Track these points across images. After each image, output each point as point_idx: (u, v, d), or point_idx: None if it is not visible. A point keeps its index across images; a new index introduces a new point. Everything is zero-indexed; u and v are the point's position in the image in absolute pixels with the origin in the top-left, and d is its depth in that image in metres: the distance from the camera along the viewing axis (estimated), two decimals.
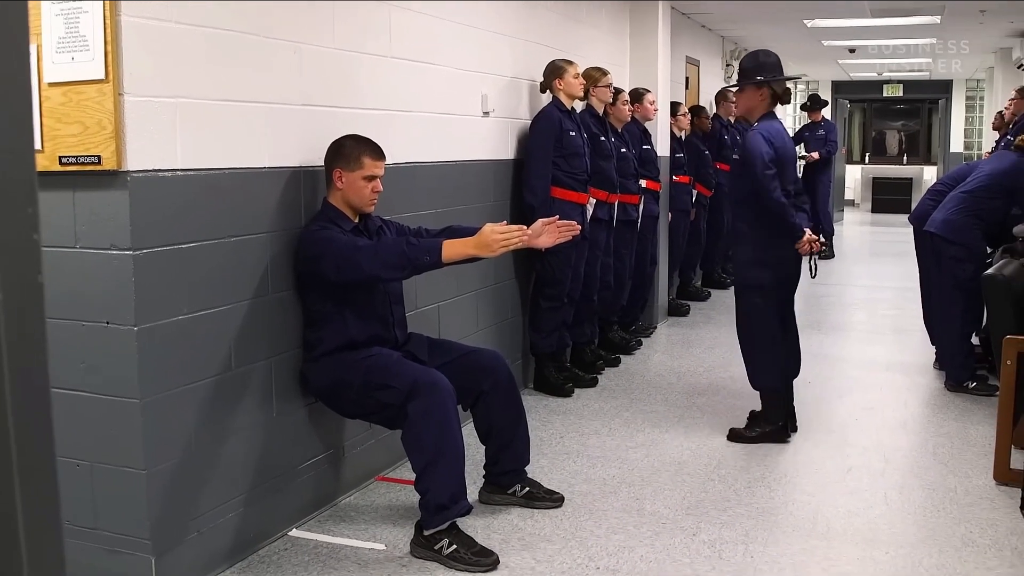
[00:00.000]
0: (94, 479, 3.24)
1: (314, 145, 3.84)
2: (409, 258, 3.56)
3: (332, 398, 3.82)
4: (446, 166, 4.97)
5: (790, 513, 4.11)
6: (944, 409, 5.65)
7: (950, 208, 5.94)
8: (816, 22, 10.82)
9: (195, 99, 3.30)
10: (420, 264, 3.57)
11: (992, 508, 4.14)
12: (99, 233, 3.11)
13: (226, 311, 3.49)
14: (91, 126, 3.05)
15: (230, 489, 3.56)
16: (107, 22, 2.99)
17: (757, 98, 4.88)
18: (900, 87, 20.79)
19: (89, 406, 3.20)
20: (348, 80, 4.14)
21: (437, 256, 3.55)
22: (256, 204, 3.63)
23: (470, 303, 5.29)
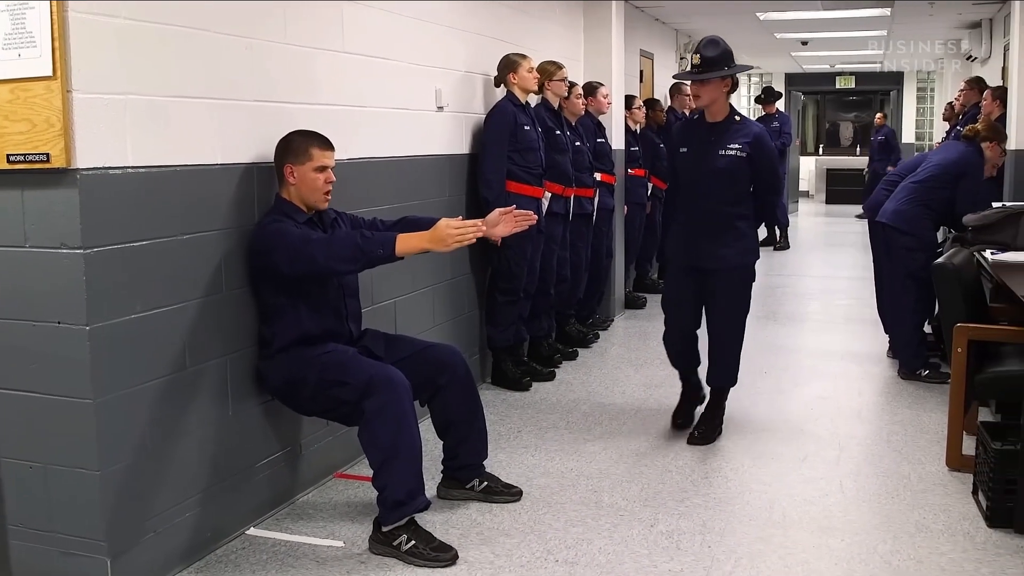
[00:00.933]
0: (47, 481, 3.20)
1: (267, 141, 3.81)
2: (363, 251, 3.54)
3: (288, 396, 3.80)
4: (401, 161, 4.95)
5: (746, 502, 4.14)
6: (897, 397, 5.72)
7: (901, 198, 6.01)
8: (769, 15, 10.90)
9: (145, 96, 3.27)
10: (374, 257, 3.56)
11: (945, 494, 4.20)
12: (49, 232, 3.07)
13: (179, 309, 3.46)
14: (39, 124, 3.01)
15: (186, 488, 3.54)
16: (54, 18, 2.95)
17: (721, 89, 4.74)
18: (852, 79, 21.00)
19: (41, 407, 3.16)
20: (301, 76, 4.11)
21: (391, 249, 3.54)
22: (209, 201, 3.60)
23: (427, 298, 5.28)
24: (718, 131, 4.78)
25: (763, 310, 8.37)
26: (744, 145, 4.72)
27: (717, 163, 4.73)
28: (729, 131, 4.77)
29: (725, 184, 4.75)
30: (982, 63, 11.46)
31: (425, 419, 4.05)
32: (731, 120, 4.81)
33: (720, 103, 4.78)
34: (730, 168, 4.72)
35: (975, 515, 3.97)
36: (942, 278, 4.75)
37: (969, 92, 8.43)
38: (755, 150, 4.72)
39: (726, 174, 4.73)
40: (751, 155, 4.72)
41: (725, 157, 4.71)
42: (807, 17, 10.94)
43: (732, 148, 4.71)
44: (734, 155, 4.71)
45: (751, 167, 4.74)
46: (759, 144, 4.75)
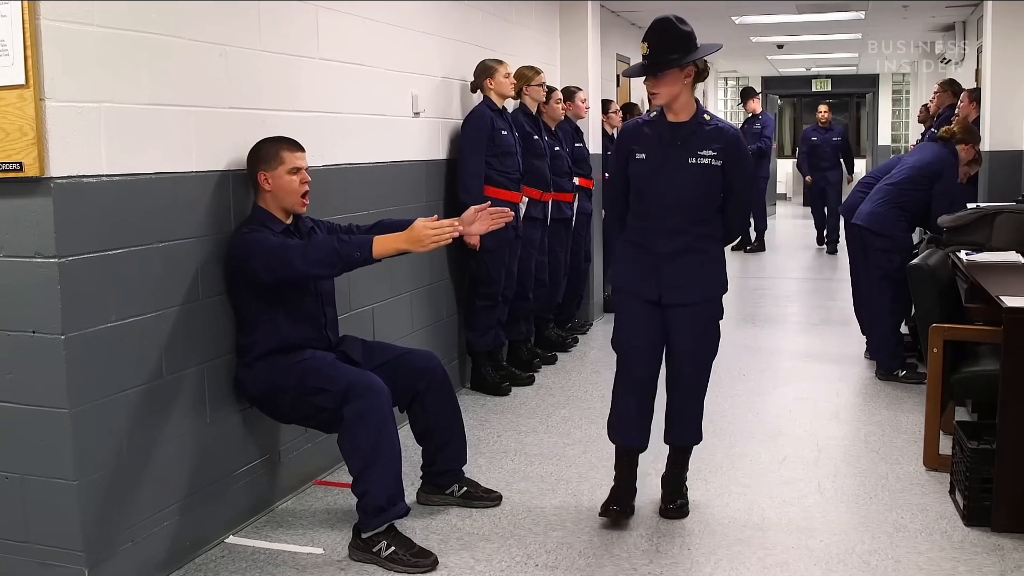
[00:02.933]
0: (24, 491, 3.18)
1: (242, 148, 3.80)
2: (340, 255, 3.54)
3: (267, 403, 3.79)
4: (378, 167, 4.95)
5: (726, 504, 4.15)
6: (875, 398, 5.76)
7: (876, 200, 6.05)
8: (744, 18, 10.95)
9: (119, 103, 3.25)
10: (351, 260, 3.56)
11: (923, 493, 4.22)
12: (23, 241, 3.05)
13: (156, 317, 3.45)
14: (12, 132, 3.00)
15: (164, 497, 3.52)
16: (26, 26, 2.93)
17: (682, 81, 3.82)
18: (828, 82, 21.11)
19: (17, 417, 3.14)
20: (276, 82, 4.11)
21: (368, 252, 3.54)
22: (184, 208, 3.59)
23: (405, 304, 5.27)
24: (684, 133, 3.86)
25: (741, 312, 8.40)
26: (718, 151, 3.83)
27: (686, 173, 3.82)
28: (698, 133, 3.86)
29: (694, 198, 3.87)
30: (956, 65, 11.55)
31: (404, 425, 4.04)
32: (699, 120, 3.89)
33: (684, 99, 3.86)
34: (702, 179, 3.84)
35: (952, 514, 3.99)
36: (917, 279, 4.79)
37: (943, 94, 8.50)
38: (730, 157, 3.86)
39: (697, 186, 3.85)
40: (726, 163, 3.85)
41: (697, 166, 3.82)
42: (782, 21, 11.00)
43: (705, 155, 3.82)
44: (707, 163, 3.82)
45: (724, 177, 3.88)
46: (735, 150, 3.88)
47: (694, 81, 3.88)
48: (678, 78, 3.80)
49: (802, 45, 13.96)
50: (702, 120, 3.90)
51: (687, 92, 3.87)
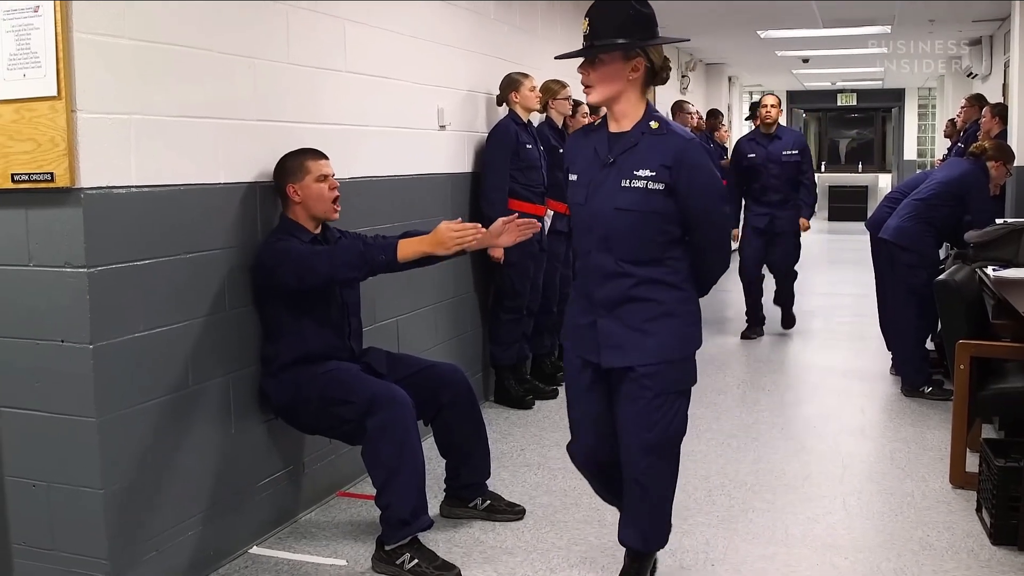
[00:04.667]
0: (50, 499, 3.20)
1: (270, 160, 3.83)
2: (365, 258, 3.56)
3: (291, 414, 3.81)
4: (403, 180, 4.97)
5: (750, 520, 4.13)
6: (901, 414, 5.72)
7: (903, 215, 6.02)
8: (769, 33, 10.94)
9: (149, 115, 3.28)
10: (376, 263, 3.57)
11: (949, 511, 4.19)
12: (53, 251, 3.08)
13: (183, 328, 3.47)
14: (44, 143, 3.03)
15: (189, 507, 3.54)
16: (59, 38, 2.97)
17: (625, 75, 2.98)
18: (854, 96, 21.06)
19: (45, 425, 3.16)
20: (304, 95, 4.13)
21: (393, 255, 3.55)
22: (212, 220, 3.61)
23: (429, 316, 5.28)
24: (621, 147, 3.02)
25: (765, 327, 8.37)
26: (660, 170, 2.94)
27: (618, 199, 2.99)
28: (638, 147, 2.99)
29: (630, 233, 3.00)
30: (983, 80, 11.48)
31: (428, 438, 4.05)
32: (643, 128, 3.01)
33: (627, 100, 3.01)
34: (638, 207, 2.97)
35: (979, 532, 3.96)
36: (944, 295, 4.76)
37: (970, 109, 8.46)
38: (678, 176, 2.94)
39: (632, 217, 2.98)
40: (672, 185, 2.95)
41: (631, 190, 2.97)
42: (808, 35, 10.98)
43: (641, 175, 2.95)
44: (643, 187, 2.95)
45: (676, 204, 2.99)
46: (685, 166, 2.95)
47: (647, 81, 3.04)
48: (621, 70, 2.97)
49: (827, 59, 13.92)
50: (647, 129, 3.00)
51: (633, 92, 3.01)
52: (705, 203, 3.02)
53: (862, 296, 9.43)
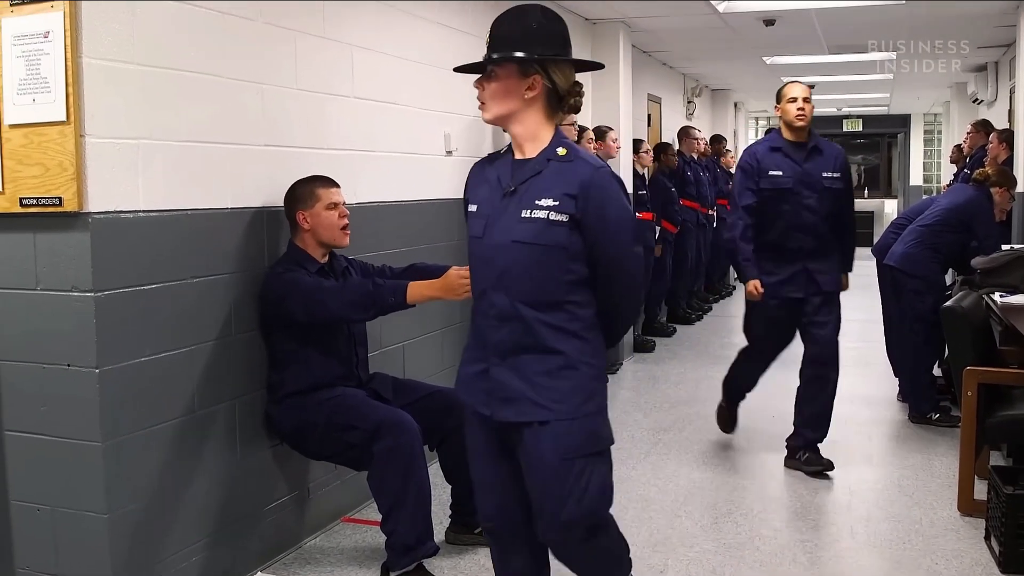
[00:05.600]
0: (55, 523, 3.20)
1: (277, 185, 3.84)
2: (375, 299, 3.57)
3: (297, 439, 3.80)
4: (410, 205, 4.97)
5: (756, 548, 4.11)
6: (908, 441, 5.69)
7: (909, 241, 6.01)
8: (775, 59, 10.97)
9: (157, 140, 3.30)
10: (385, 305, 3.58)
11: (957, 539, 4.16)
12: (60, 275, 3.08)
13: (189, 353, 3.47)
14: (52, 168, 3.04)
15: (194, 532, 3.52)
16: (68, 64, 2.98)
17: (521, 92, 2.63)
18: (859, 122, 21.08)
19: (50, 449, 3.16)
20: (311, 120, 4.15)
21: (402, 298, 3.56)
22: (219, 245, 3.62)
23: (435, 342, 5.27)
24: (524, 174, 2.65)
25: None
26: (564, 199, 2.56)
27: (516, 231, 2.60)
28: (543, 175, 2.62)
29: (527, 270, 2.60)
30: (988, 106, 11.50)
31: (433, 463, 4.03)
32: (549, 155, 2.64)
33: (523, 122, 2.66)
34: (538, 240, 2.57)
35: (988, 560, 3.93)
36: (951, 321, 4.74)
37: (976, 135, 8.46)
38: (585, 207, 2.56)
39: (531, 252, 2.58)
40: (578, 218, 2.56)
41: (530, 221, 2.58)
42: (813, 61, 11.01)
43: (543, 204, 2.57)
44: (544, 217, 2.56)
45: (583, 239, 2.58)
46: (593, 196, 2.57)
47: (552, 105, 2.66)
48: (516, 88, 2.63)
49: (833, 85, 13.94)
50: (553, 155, 2.63)
51: (533, 114, 2.65)
52: (613, 239, 2.60)
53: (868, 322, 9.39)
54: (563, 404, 2.60)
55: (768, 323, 5.23)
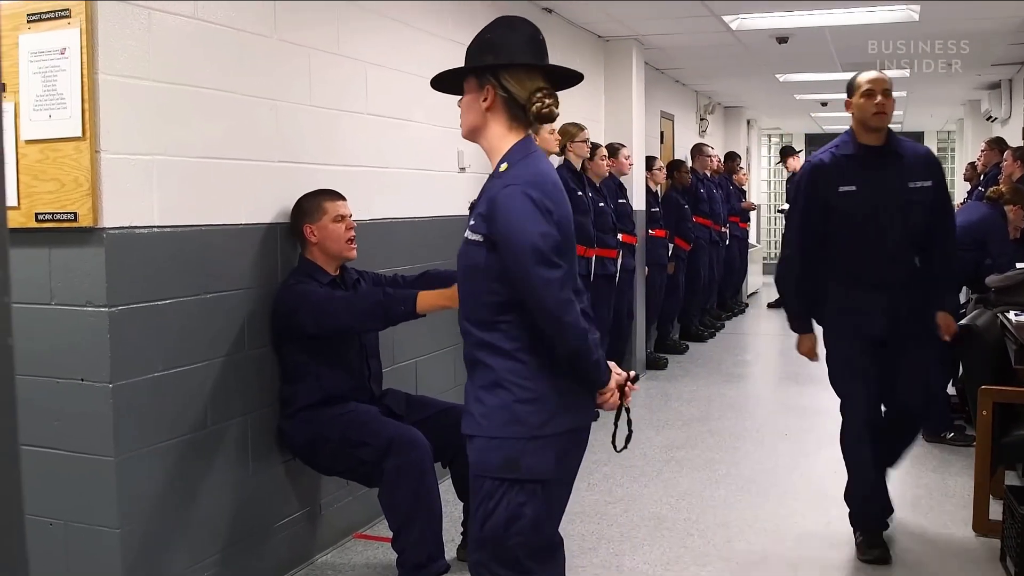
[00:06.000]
0: (67, 537, 3.20)
1: (290, 201, 3.85)
2: (385, 308, 3.56)
3: (309, 455, 3.80)
4: (423, 221, 4.98)
5: (769, 567, 4.09)
6: (922, 460, 5.66)
7: None
8: (788, 76, 10.97)
9: (171, 156, 3.31)
10: (395, 314, 3.57)
11: (972, 560, 4.13)
12: (75, 290, 3.10)
13: (202, 368, 3.47)
14: (68, 183, 3.06)
15: (205, 547, 3.52)
16: (84, 80, 3.00)
17: (479, 105, 2.60)
18: None
19: (63, 464, 3.17)
20: (325, 137, 4.16)
21: (412, 306, 3.55)
22: (232, 260, 3.63)
23: (448, 358, 5.27)
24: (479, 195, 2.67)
25: (785, 372, 8.33)
26: (479, 219, 2.54)
27: (461, 253, 2.64)
28: (482, 194, 2.62)
29: (464, 289, 2.65)
30: (1002, 123, 11.48)
31: (445, 480, 4.03)
32: (494, 171, 2.61)
33: (487, 136, 2.65)
34: (463, 260, 2.61)
35: None
36: (966, 340, 4.73)
37: (990, 152, 8.45)
38: (493, 227, 2.48)
39: (461, 272, 2.64)
40: (491, 238, 2.49)
41: (464, 242, 2.61)
42: (827, 79, 11.00)
43: (470, 226, 2.59)
44: (467, 238, 2.58)
45: (499, 262, 2.49)
46: (498, 218, 2.47)
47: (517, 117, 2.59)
48: (475, 101, 2.62)
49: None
50: (496, 172, 2.59)
51: (495, 127, 2.61)
52: (515, 260, 2.45)
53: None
54: (487, 420, 2.55)
55: (851, 372, 4.21)
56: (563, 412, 2.57)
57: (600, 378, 2.60)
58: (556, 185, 2.57)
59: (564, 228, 2.52)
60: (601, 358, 2.58)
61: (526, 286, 2.46)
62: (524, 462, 2.53)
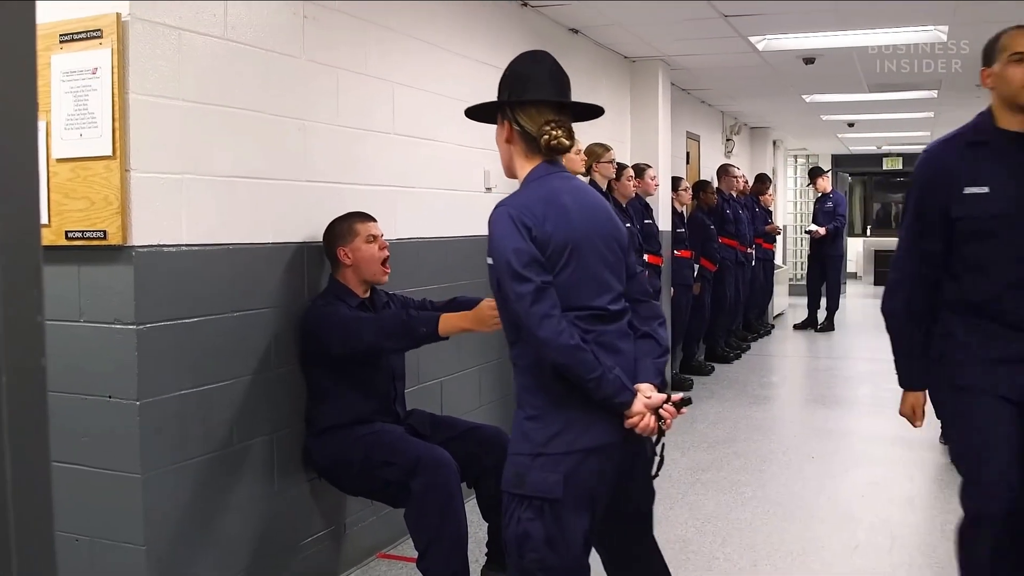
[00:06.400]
0: (93, 554, 3.21)
1: (318, 221, 3.87)
2: (408, 329, 3.57)
3: (334, 475, 3.80)
4: (450, 241, 4.99)
5: None
6: (951, 485, 5.59)
7: None
8: (815, 97, 10.95)
9: (200, 175, 3.34)
10: (418, 336, 3.58)
11: None
12: (103, 307, 3.12)
13: (228, 386, 3.49)
14: (98, 201, 3.08)
15: (230, 566, 3.52)
16: (115, 100, 3.03)
17: (503, 138, 2.74)
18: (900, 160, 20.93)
19: (90, 480, 3.18)
20: (352, 157, 4.18)
21: (434, 328, 3.55)
22: (260, 279, 3.64)
23: (472, 378, 5.27)
24: None
25: (811, 394, 8.28)
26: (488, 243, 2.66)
27: None
28: None
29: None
30: None
31: (470, 500, 4.02)
32: None
33: (514, 167, 2.76)
34: (491, 283, 2.70)
35: None
36: None
37: None
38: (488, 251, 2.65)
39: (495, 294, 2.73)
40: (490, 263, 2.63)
41: None
42: (853, 99, 10.97)
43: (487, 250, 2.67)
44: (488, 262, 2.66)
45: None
46: (489, 239, 2.65)
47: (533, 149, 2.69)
48: (500, 135, 2.77)
49: (873, 123, 13.89)
50: None
51: (517, 159, 2.73)
52: (497, 277, 2.60)
53: None
54: (511, 436, 2.69)
55: (986, 443, 2.99)
56: (572, 431, 2.57)
57: (612, 397, 2.56)
58: (550, 202, 2.60)
59: (554, 243, 2.56)
60: (610, 377, 2.54)
61: (505, 300, 2.58)
62: (529, 478, 2.58)
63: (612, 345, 2.63)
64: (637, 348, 2.71)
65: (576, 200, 2.66)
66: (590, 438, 2.59)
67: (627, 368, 2.64)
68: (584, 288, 2.60)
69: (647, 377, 2.65)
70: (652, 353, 2.70)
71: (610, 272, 2.69)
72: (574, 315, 2.57)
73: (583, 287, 2.60)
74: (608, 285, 2.67)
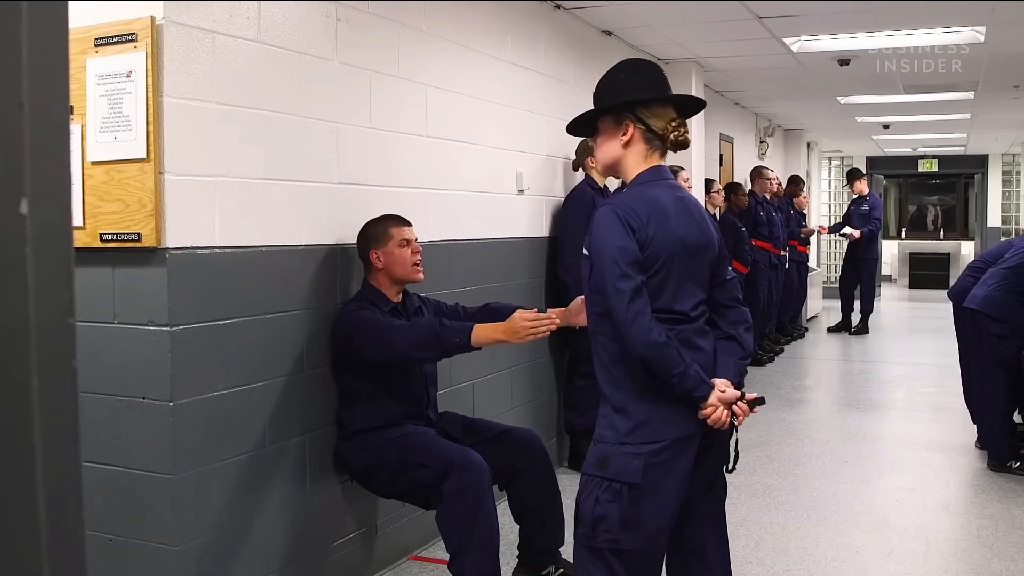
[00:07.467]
0: (127, 554, 3.23)
1: (351, 223, 3.87)
2: (440, 339, 3.56)
3: (366, 477, 3.80)
4: (482, 244, 4.99)
5: None
6: (987, 490, 5.54)
7: (991, 284, 5.87)
8: (849, 99, 10.86)
9: (234, 178, 3.35)
10: (450, 346, 3.57)
11: None
12: (137, 309, 3.14)
13: (261, 388, 3.50)
14: (132, 204, 3.10)
15: (262, 567, 3.54)
16: (149, 103, 3.05)
17: (617, 140, 2.85)
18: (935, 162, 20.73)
19: (123, 481, 3.20)
20: (385, 159, 4.19)
21: (467, 339, 3.55)
22: (292, 281, 3.65)
23: (504, 381, 5.26)
24: None
25: (845, 397, 8.21)
26: (587, 237, 2.81)
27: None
28: None
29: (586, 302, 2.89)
30: None
31: (502, 502, 4.01)
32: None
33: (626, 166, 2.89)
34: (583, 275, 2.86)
35: None
36: None
37: None
38: (588, 244, 2.80)
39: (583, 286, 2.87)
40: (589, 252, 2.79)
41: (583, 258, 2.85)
42: (889, 101, 10.88)
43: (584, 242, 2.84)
44: (584, 253, 2.82)
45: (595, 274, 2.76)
46: (591, 234, 2.79)
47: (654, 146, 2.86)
48: (610, 137, 2.88)
49: (909, 125, 13.77)
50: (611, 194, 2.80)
51: (631, 157, 2.86)
52: (599, 272, 2.73)
53: (944, 366, 9.22)
54: (597, 424, 2.82)
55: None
56: (654, 422, 2.73)
57: (691, 391, 2.70)
58: (654, 208, 2.76)
59: (652, 248, 2.71)
60: (691, 372, 2.69)
61: (604, 294, 2.71)
62: (612, 462, 2.74)
63: (691, 342, 2.77)
64: (721, 348, 2.86)
65: (677, 211, 2.80)
66: (671, 430, 2.73)
67: (705, 364, 2.78)
68: (669, 293, 2.76)
69: (725, 374, 2.80)
70: (735, 354, 2.86)
71: (696, 284, 2.83)
72: (657, 316, 2.71)
73: (669, 292, 2.75)
74: (692, 292, 2.81)
